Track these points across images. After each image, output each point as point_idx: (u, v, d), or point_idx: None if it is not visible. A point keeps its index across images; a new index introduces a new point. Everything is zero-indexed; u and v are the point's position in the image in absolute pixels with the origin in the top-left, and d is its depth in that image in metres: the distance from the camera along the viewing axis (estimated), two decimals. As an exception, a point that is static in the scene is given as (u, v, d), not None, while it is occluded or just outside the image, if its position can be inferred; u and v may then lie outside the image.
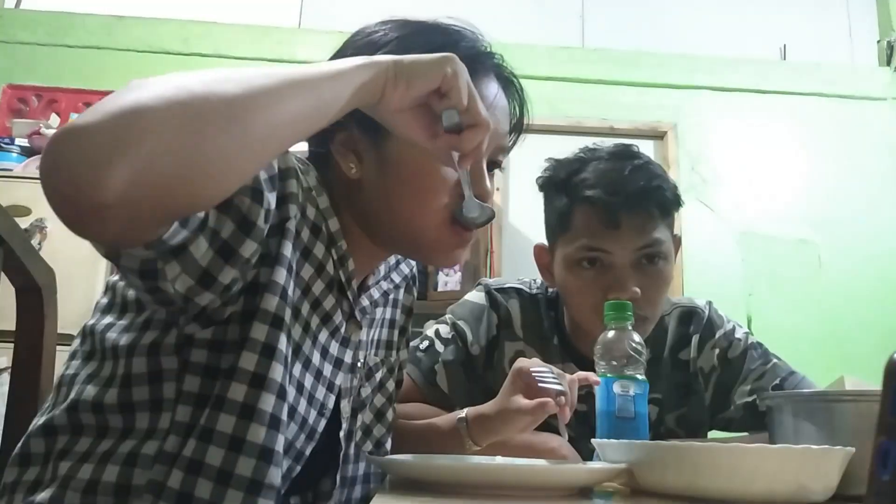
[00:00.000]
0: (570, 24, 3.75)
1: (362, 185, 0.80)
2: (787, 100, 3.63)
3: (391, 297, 0.96)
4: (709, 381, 1.23)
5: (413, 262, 0.99)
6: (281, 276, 0.70)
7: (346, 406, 0.85)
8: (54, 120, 3.25)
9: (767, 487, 0.62)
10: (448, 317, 1.25)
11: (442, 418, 1.00)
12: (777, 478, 0.62)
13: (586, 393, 0.97)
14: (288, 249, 0.71)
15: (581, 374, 0.95)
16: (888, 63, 3.73)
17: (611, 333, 0.93)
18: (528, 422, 0.92)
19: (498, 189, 3.39)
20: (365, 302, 0.87)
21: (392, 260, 0.96)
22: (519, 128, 0.88)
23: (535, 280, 1.29)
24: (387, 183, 0.79)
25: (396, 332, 0.98)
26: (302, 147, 0.78)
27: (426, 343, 1.22)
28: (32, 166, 2.90)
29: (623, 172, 1.11)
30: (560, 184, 1.16)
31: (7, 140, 3.02)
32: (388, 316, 0.96)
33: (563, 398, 0.89)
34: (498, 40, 0.91)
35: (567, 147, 1.23)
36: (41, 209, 2.52)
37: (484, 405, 0.94)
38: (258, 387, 0.68)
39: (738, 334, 1.25)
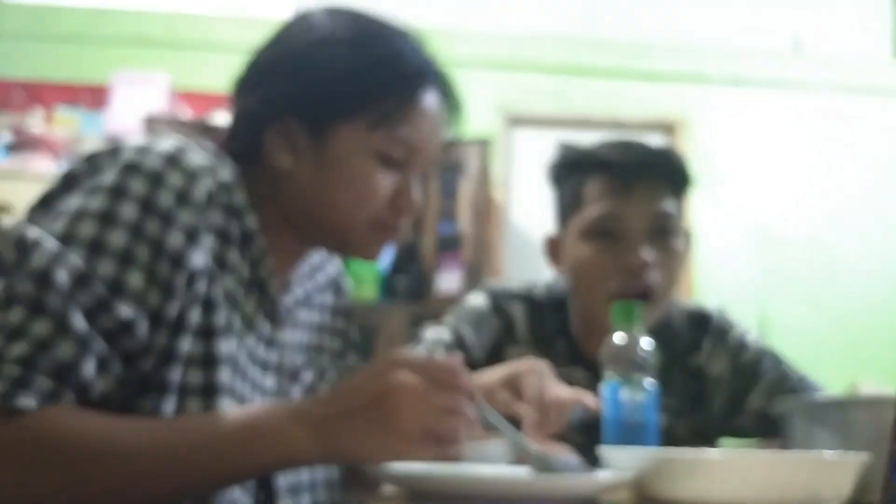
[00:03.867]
0: (576, 13, 3.75)
1: (293, 177, 0.82)
2: (801, 93, 3.63)
3: (315, 300, 0.96)
4: (719, 387, 1.24)
5: (339, 265, 1.01)
6: (218, 300, 0.74)
7: None
8: (38, 113, 3.25)
9: (780, 495, 0.62)
10: (449, 320, 1.26)
11: None
12: (790, 485, 0.62)
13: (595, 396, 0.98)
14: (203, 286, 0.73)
15: (572, 398, 0.94)
16: (905, 56, 3.73)
17: (618, 337, 0.94)
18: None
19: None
20: (288, 301, 0.88)
21: (315, 260, 0.96)
22: (455, 130, 0.91)
23: (538, 284, 1.29)
24: (323, 179, 0.81)
25: (327, 337, 0.98)
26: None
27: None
28: (16, 161, 2.90)
29: (633, 143, 1.19)
30: (573, 162, 1.20)
31: (-11, 135, 3.02)
32: (315, 320, 0.96)
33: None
34: (501, 31, 0.94)
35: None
36: (23, 206, 2.51)
37: (481, 377, 0.95)
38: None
39: (750, 340, 1.25)
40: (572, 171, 1.20)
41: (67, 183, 0.73)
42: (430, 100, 0.84)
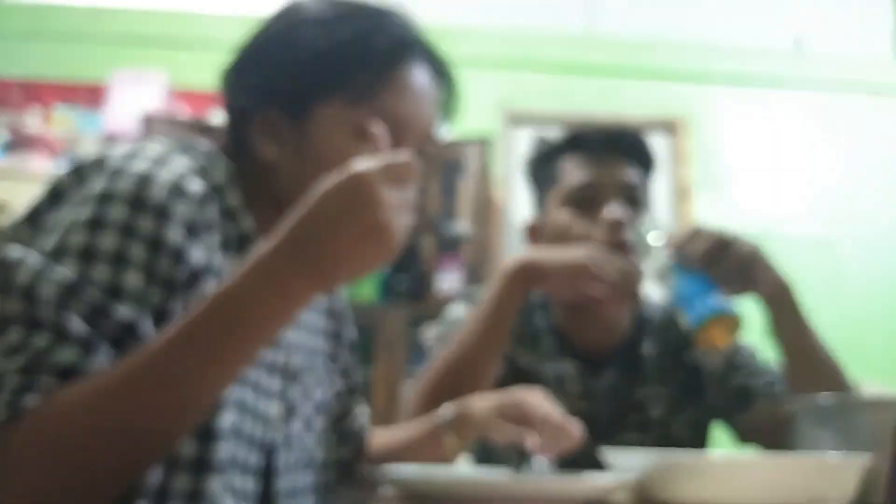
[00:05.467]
0: (577, 10, 3.74)
1: (279, 168, 0.81)
2: (803, 92, 3.63)
3: (312, 302, 0.96)
4: (713, 381, 1.26)
5: None
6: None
7: (276, 411, 0.84)
8: (35, 112, 3.25)
9: (784, 498, 0.62)
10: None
11: (417, 422, 1.00)
12: (794, 488, 0.62)
13: (585, 391, 1.00)
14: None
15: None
16: (910, 55, 3.72)
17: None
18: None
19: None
20: None
21: None
22: (449, 113, 0.89)
23: None
24: (304, 168, 0.79)
25: (322, 339, 0.97)
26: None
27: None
28: (13, 160, 2.91)
29: (602, 124, 1.32)
30: (550, 148, 1.29)
31: (-14, 134, 3.02)
32: (312, 322, 0.96)
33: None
34: (501, 27, 0.93)
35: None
36: (20, 205, 2.51)
37: (474, 406, 0.94)
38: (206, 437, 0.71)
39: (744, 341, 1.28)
40: (550, 156, 1.29)
41: (54, 196, 0.72)
42: (414, 74, 0.83)
